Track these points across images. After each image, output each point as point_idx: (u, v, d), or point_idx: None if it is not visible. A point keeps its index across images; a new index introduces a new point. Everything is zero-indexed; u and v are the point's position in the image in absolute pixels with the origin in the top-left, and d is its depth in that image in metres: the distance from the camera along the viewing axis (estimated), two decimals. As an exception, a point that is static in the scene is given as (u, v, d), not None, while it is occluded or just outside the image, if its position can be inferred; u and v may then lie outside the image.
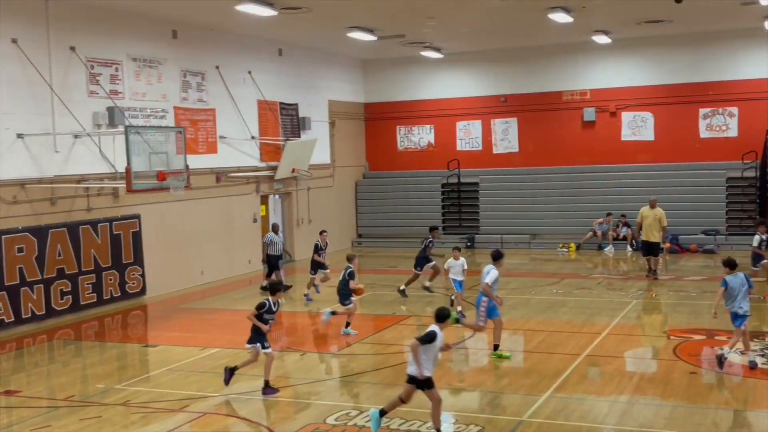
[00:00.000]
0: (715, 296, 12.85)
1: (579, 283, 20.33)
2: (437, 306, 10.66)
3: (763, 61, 25.79)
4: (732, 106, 26.38)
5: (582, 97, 28.19)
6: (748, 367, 12.28)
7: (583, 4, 20.50)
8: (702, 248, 25.19)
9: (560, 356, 13.30)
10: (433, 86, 30.06)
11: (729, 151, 26.10)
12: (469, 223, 29.08)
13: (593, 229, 26.46)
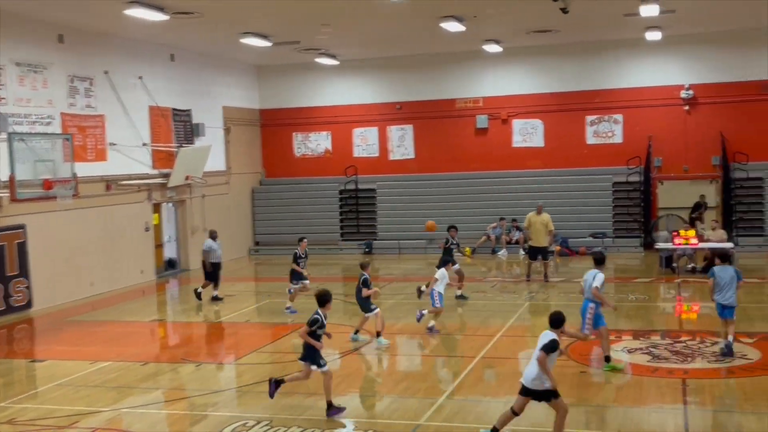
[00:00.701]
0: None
1: (474, 287, 20.66)
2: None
3: (645, 70, 26.97)
4: (617, 113, 27.44)
5: (475, 105, 28.76)
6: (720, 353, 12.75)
7: (474, 13, 20.93)
8: (590, 251, 26.02)
9: (456, 359, 13.50)
10: (330, 93, 30.08)
11: (615, 156, 27.12)
12: (367, 229, 29.21)
13: (487, 234, 27.02)
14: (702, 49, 26.44)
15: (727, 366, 12.46)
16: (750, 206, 25.85)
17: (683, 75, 26.67)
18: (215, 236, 20.05)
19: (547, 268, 21.46)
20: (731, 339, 12.90)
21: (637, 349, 13.68)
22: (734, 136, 25.99)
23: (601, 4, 20.53)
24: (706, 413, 10.50)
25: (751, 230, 25.54)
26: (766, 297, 18.32)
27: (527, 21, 22.77)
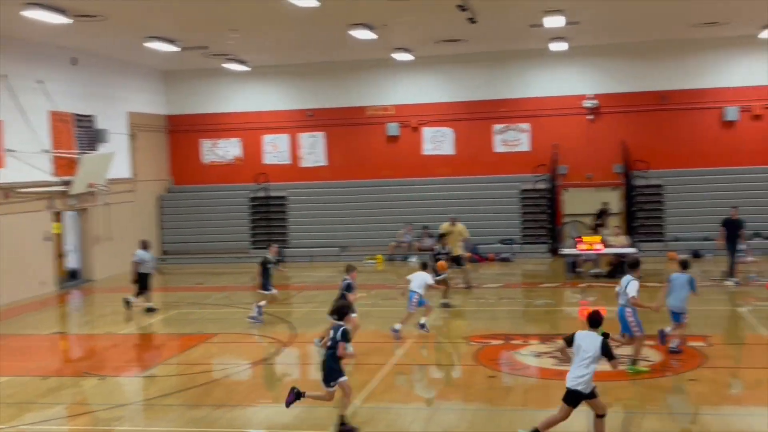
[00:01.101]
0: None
1: (386, 294, 20.70)
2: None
3: (551, 80, 27.66)
4: (524, 122, 28.02)
5: (386, 113, 28.91)
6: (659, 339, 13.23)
7: (384, 21, 21.04)
8: (499, 257, 26.49)
9: (367, 366, 13.45)
10: (239, 99, 29.73)
11: (522, 164, 27.67)
12: (278, 237, 28.87)
13: (398, 240, 27.16)
14: (605, 60, 27.31)
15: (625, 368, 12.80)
16: (650, 213, 26.76)
17: (587, 85, 27.47)
18: (147, 246, 19.66)
19: (467, 275, 21.62)
20: (668, 329, 13.52)
21: (544, 353, 13.93)
22: (635, 145, 26.88)
23: (508, 14, 20.96)
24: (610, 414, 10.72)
25: (651, 236, 26.42)
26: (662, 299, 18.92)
27: (436, 30, 23.04)
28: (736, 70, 26.47)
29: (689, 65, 26.78)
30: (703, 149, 26.64)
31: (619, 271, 21.71)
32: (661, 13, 21.65)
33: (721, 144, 26.59)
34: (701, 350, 13.73)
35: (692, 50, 26.49)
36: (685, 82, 26.77)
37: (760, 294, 18.89)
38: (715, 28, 24.02)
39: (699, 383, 11.80)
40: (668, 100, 26.81)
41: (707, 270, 22.58)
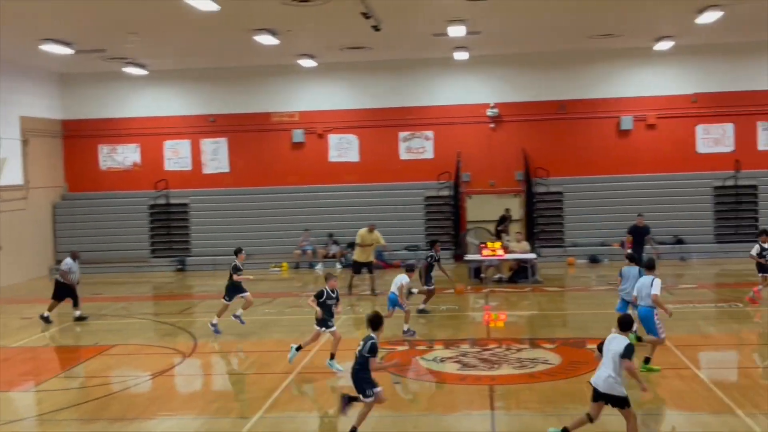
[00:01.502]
0: None
1: (291, 302, 20.52)
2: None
3: (454, 89, 28.02)
4: (428, 130, 28.29)
5: (291, 119, 28.70)
6: None
7: (288, 27, 20.88)
8: (405, 264, 26.52)
9: (272, 376, 13.26)
10: (139, 104, 28.98)
11: (426, 171, 27.92)
12: (180, 245, 28.32)
13: (301, 248, 26.96)
14: (506, 69, 27.86)
15: (530, 371, 13.03)
16: (550, 219, 27.41)
17: (489, 94, 27.96)
18: (76, 257, 19.08)
19: (374, 281, 21.63)
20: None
21: (449, 358, 14.03)
22: (536, 153, 27.50)
23: (412, 23, 21.11)
24: (512, 417, 10.90)
25: (551, 241, 27.07)
26: (566, 305, 19.41)
27: (341, 37, 23.02)
28: (631, 81, 27.44)
29: (587, 76, 27.59)
30: (600, 157, 27.47)
31: (522, 276, 22.25)
32: (559, 25, 22.23)
33: (618, 152, 27.47)
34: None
35: (590, 61, 27.32)
36: (583, 92, 27.57)
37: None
38: (611, 40, 24.84)
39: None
40: (567, 110, 27.55)
41: (604, 275, 23.27)
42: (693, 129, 27.29)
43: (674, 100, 27.23)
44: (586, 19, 21.57)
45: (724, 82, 26.98)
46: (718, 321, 16.66)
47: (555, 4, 19.45)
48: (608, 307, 18.37)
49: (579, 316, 17.67)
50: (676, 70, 27.30)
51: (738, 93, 26.90)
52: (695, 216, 26.58)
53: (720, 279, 22.60)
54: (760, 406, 10.74)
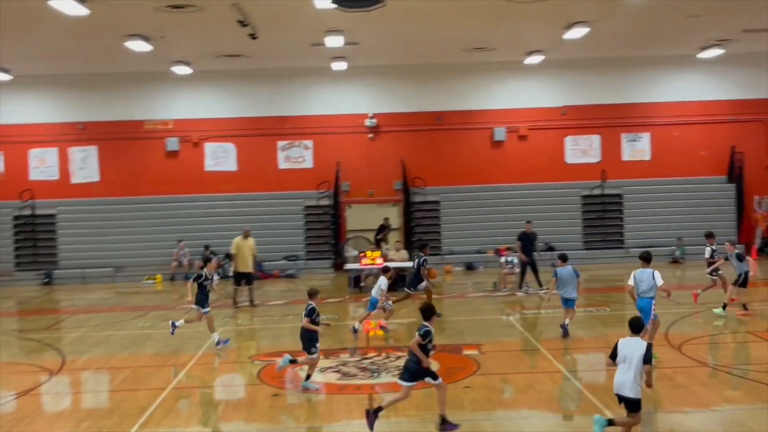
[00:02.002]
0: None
1: (165, 315, 19.95)
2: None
3: (333, 98, 28.08)
4: (307, 139, 28.21)
5: (165, 127, 28.01)
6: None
7: (161, 33, 20.38)
8: (284, 273, 26.42)
9: (146, 391, 12.82)
10: (2, 110, 27.54)
11: (306, 181, 27.83)
12: (46, 257, 27.09)
13: (177, 260, 26.31)
14: (384, 80, 28.16)
15: (409, 378, 13.12)
16: (428, 227, 27.84)
17: (367, 104, 28.17)
18: None
19: (252, 293, 21.27)
20: (567, 321, 15.38)
21: (328, 368, 13.96)
22: (413, 163, 27.89)
23: (289, 32, 21.02)
24: (392, 425, 10.94)
25: (430, 250, 27.37)
26: (443, 311, 19.65)
27: (216, 44, 22.65)
28: (504, 94, 28.26)
29: (462, 88, 28.22)
30: (475, 167, 28.12)
31: (401, 284, 22.42)
32: (434, 38, 22.64)
33: (492, 162, 28.21)
34: (475, 358, 14.36)
35: (465, 74, 27.95)
36: (458, 103, 28.18)
37: (527, 303, 20.12)
38: (485, 54, 25.51)
39: (473, 390, 12.29)
40: (443, 121, 28.08)
41: (479, 281, 23.79)
42: (562, 140, 28.35)
43: (544, 113, 28.22)
44: (460, 33, 22.06)
45: (591, 96, 28.18)
46: (586, 325, 17.27)
47: (430, 18, 19.81)
48: (484, 313, 18.87)
49: (456, 323, 17.96)
50: (546, 84, 28.31)
51: (604, 106, 28.15)
52: (565, 224, 27.60)
53: (588, 284, 23.46)
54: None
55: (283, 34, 21.28)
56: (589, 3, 18.86)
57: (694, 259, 26.45)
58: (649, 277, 13.26)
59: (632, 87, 28.24)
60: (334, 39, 21.36)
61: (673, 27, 22.16)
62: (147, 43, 20.96)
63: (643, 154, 28.44)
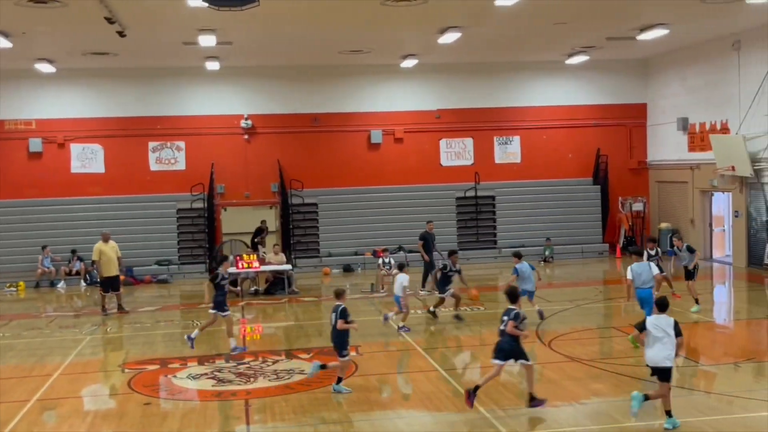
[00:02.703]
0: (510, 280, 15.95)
1: (29, 324, 19.03)
2: None
3: (207, 99, 27.52)
4: (180, 140, 27.51)
5: (27, 127, 26.69)
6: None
7: (22, 29, 19.41)
8: (156, 278, 25.66)
9: (7, 404, 12.16)
10: None
11: (178, 183, 27.12)
12: None
13: (41, 266, 25.11)
14: (260, 81, 27.81)
15: (286, 383, 13.00)
16: (306, 230, 27.68)
17: (243, 105, 27.73)
18: None
19: (120, 298, 20.48)
20: (538, 308, 16.68)
21: (203, 375, 13.65)
22: (291, 165, 27.69)
23: (160, 30, 20.42)
24: (268, 430, 10.79)
25: (308, 252, 27.37)
26: (322, 314, 19.61)
27: (83, 42, 21.76)
28: (381, 96, 28.46)
29: (339, 90, 28.22)
30: (353, 169, 28.19)
31: (278, 287, 22.23)
32: (310, 39, 22.52)
33: (369, 165, 28.35)
34: (353, 359, 14.35)
35: (342, 76, 27.97)
36: (335, 105, 28.17)
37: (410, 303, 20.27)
38: (361, 57, 25.61)
39: (352, 392, 12.27)
40: (320, 122, 28.01)
41: (357, 283, 23.87)
42: (437, 143, 28.82)
43: (420, 116, 28.60)
44: (335, 34, 22.04)
45: (465, 100, 28.78)
46: (462, 324, 17.60)
47: (304, 19, 19.70)
48: (362, 314, 18.89)
49: (334, 325, 17.89)
50: (421, 87, 28.70)
51: (477, 110, 28.81)
52: (440, 225, 27.95)
53: (461, 284, 23.94)
54: (499, 403, 11.44)
55: (153, 32, 20.66)
56: (461, 9, 19.22)
57: (562, 258, 27.52)
58: (647, 269, 14.42)
59: (504, 91, 29.03)
60: (207, 38, 20.90)
61: (542, 34, 22.90)
62: (6, 39, 19.90)
63: (514, 156, 29.27)
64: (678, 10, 19.92)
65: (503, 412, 11.02)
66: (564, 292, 21.03)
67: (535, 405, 10.97)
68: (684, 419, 10.36)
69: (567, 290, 21.43)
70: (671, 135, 27.87)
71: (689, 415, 10.63)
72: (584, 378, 12.72)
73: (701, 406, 11.12)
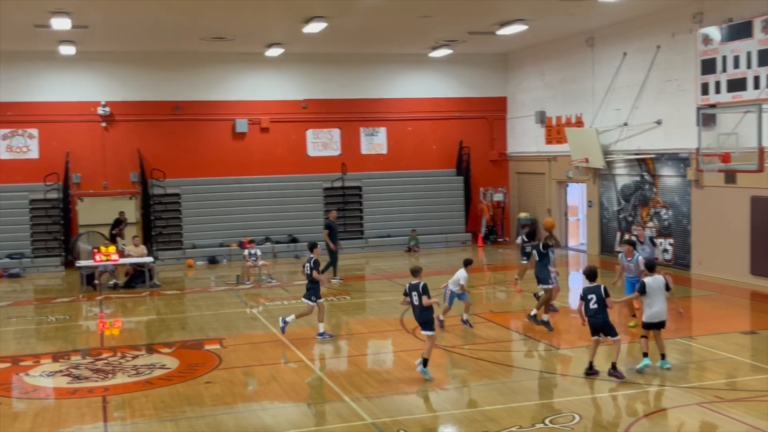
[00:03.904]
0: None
1: None
2: None
3: (62, 85, 26.24)
4: (32, 127, 26.15)
5: None
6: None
7: None
8: (7, 272, 24.34)
9: None
10: None
11: (31, 172, 25.79)
12: None
13: None
14: (118, 67, 26.74)
15: (146, 378, 12.64)
16: (168, 221, 26.94)
17: (100, 91, 26.61)
18: None
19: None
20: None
21: (57, 372, 13.08)
22: (152, 154, 26.86)
23: (9, 11, 19.24)
24: (126, 427, 10.45)
25: (170, 244, 26.66)
26: (185, 307, 19.19)
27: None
28: (246, 85, 28.00)
29: (202, 77, 27.55)
30: (217, 159, 27.64)
31: (139, 280, 21.56)
32: (171, 25, 21.90)
33: (234, 154, 27.87)
34: (217, 353, 14.13)
35: (205, 63, 27.31)
36: (198, 93, 27.51)
37: (270, 294, 20.14)
38: (225, 44, 25.11)
39: (215, 385, 12.08)
40: (183, 111, 27.30)
41: (223, 275, 23.48)
42: (304, 133, 28.68)
43: (286, 105, 28.37)
44: (197, 20, 21.50)
45: (331, 90, 28.76)
46: (328, 314, 17.59)
47: (165, 4, 19.13)
48: (227, 306, 18.66)
49: (198, 318, 17.56)
50: (287, 77, 28.45)
51: (343, 100, 28.87)
52: (307, 215, 27.96)
53: (330, 274, 23.99)
54: (364, 391, 11.54)
55: (1, 14, 19.49)
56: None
57: (427, 247, 28.03)
58: (635, 260, 14.96)
59: (370, 83, 29.21)
60: (61, 21, 19.89)
61: (406, 26, 23.17)
62: None
63: (380, 147, 29.53)
64: (536, 6, 20.61)
65: (368, 400, 11.12)
66: (429, 281, 21.36)
67: (613, 375, 11.67)
68: (541, 401, 10.78)
69: (431, 279, 21.76)
70: (530, 128, 28.88)
71: (545, 397, 11.07)
72: (446, 364, 13.00)
73: (557, 388, 11.59)
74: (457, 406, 11.06)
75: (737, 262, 18.64)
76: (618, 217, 24.38)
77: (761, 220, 18.76)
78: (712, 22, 19.93)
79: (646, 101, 22.73)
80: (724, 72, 19.48)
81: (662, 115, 22.09)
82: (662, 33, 21.85)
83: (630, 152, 23.49)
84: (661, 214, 22.43)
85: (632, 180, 23.68)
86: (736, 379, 11.80)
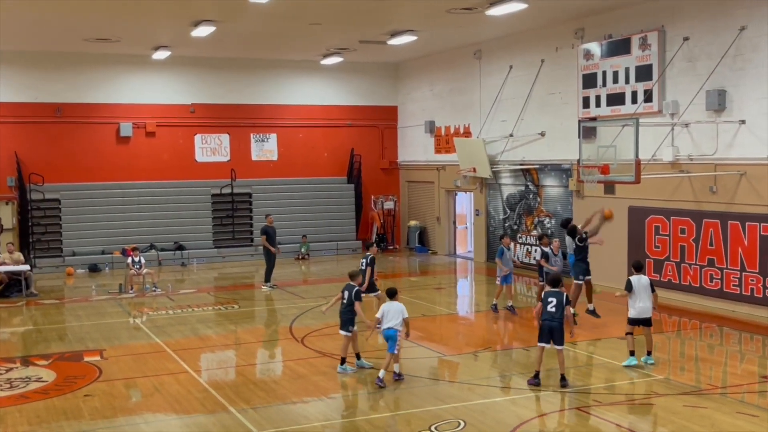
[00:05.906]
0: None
1: None
2: None
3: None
4: None
5: None
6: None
7: None
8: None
9: None
10: None
11: None
12: None
13: None
14: (-4, 67, 25.56)
15: (21, 392, 12.06)
16: (47, 228, 25.86)
17: (-26, 91, 25.37)
18: None
19: None
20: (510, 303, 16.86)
21: (-72, 388, 12.32)
22: (30, 158, 25.75)
23: None
24: (-2, 445, 9.94)
25: (49, 251, 25.61)
26: (64, 317, 18.45)
27: None
28: (130, 88, 27.20)
29: (85, 79, 26.59)
30: (100, 164, 26.75)
31: (15, 289, 20.61)
32: (51, 25, 21.07)
33: (118, 159, 27.01)
34: (97, 364, 13.64)
35: (88, 64, 26.38)
36: (80, 95, 26.54)
37: (154, 304, 19.60)
38: (109, 46, 24.36)
39: (94, 398, 11.65)
40: (63, 113, 26.28)
41: (104, 284, 22.72)
42: (192, 138, 28.11)
43: (173, 109, 27.72)
44: (79, 21, 20.75)
45: (221, 95, 28.31)
46: (216, 323, 17.32)
47: (44, 4, 18.37)
48: (109, 316, 18.04)
49: (77, 328, 16.90)
50: (175, 80, 27.82)
51: (233, 105, 28.46)
52: (195, 222, 27.42)
53: (218, 282, 23.59)
54: (250, 401, 11.37)
55: None
56: (215, 2, 18.84)
57: (317, 255, 27.94)
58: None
59: (261, 88, 28.91)
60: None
61: (297, 33, 23.05)
62: None
63: (271, 154, 29.27)
64: (425, 17, 20.88)
65: (254, 411, 10.95)
66: (319, 288, 21.35)
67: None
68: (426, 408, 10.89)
69: (322, 286, 21.76)
70: (419, 137, 29.25)
71: (431, 404, 11.18)
72: (333, 372, 12.95)
73: (443, 395, 11.72)
74: (345, 414, 11.03)
75: (616, 269, 19.35)
76: (504, 226, 24.96)
77: (638, 230, 19.58)
78: (593, 38, 20.72)
79: (530, 113, 23.39)
80: (604, 86, 20.28)
81: (546, 127, 22.78)
82: (546, 47, 22.54)
83: (515, 162, 24.10)
84: (545, 223, 23.10)
85: (517, 189, 24.30)
86: (614, 384, 12.25)
